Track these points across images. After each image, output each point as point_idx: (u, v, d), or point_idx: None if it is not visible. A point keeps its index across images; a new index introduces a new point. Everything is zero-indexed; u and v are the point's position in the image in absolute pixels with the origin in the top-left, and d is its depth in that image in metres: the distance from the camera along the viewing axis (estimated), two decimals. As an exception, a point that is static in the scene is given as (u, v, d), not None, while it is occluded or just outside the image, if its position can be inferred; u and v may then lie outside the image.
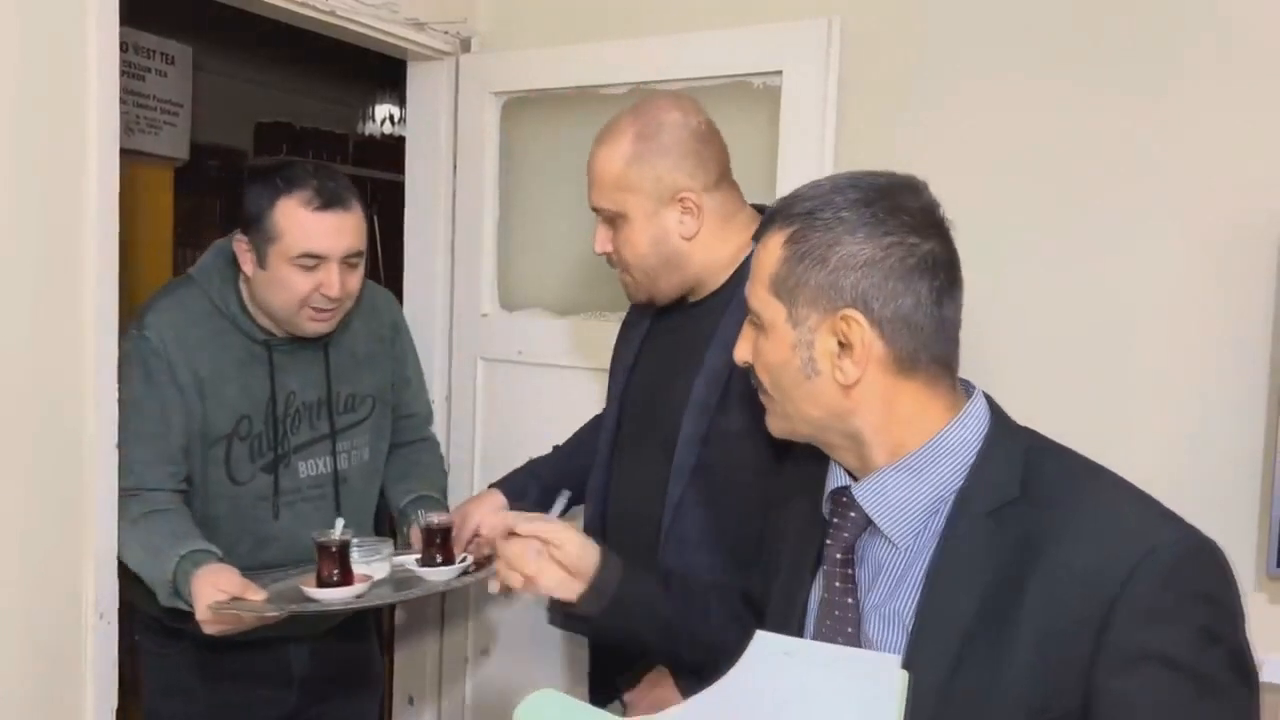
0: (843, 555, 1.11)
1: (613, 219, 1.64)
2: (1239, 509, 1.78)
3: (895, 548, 1.08)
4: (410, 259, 2.62)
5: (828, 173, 2.04)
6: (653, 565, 1.56)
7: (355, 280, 1.90)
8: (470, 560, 1.81)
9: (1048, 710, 0.98)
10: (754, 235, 1.16)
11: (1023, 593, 0.99)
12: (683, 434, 1.59)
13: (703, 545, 1.58)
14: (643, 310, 1.79)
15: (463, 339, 2.54)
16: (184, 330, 1.86)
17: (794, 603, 1.17)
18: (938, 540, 1.06)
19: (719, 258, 1.63)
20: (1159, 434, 1.83)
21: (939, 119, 1.99)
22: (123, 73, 1.78)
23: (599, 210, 1.65)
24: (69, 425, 1.69)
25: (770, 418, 1.16)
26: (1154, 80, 1.82)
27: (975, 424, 1.09)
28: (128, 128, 3.45)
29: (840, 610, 1.11)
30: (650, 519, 1.62)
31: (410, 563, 1.82)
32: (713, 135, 1.65)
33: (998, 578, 1.01)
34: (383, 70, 3.37)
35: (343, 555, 1.73)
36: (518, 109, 2.45)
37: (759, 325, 1.12)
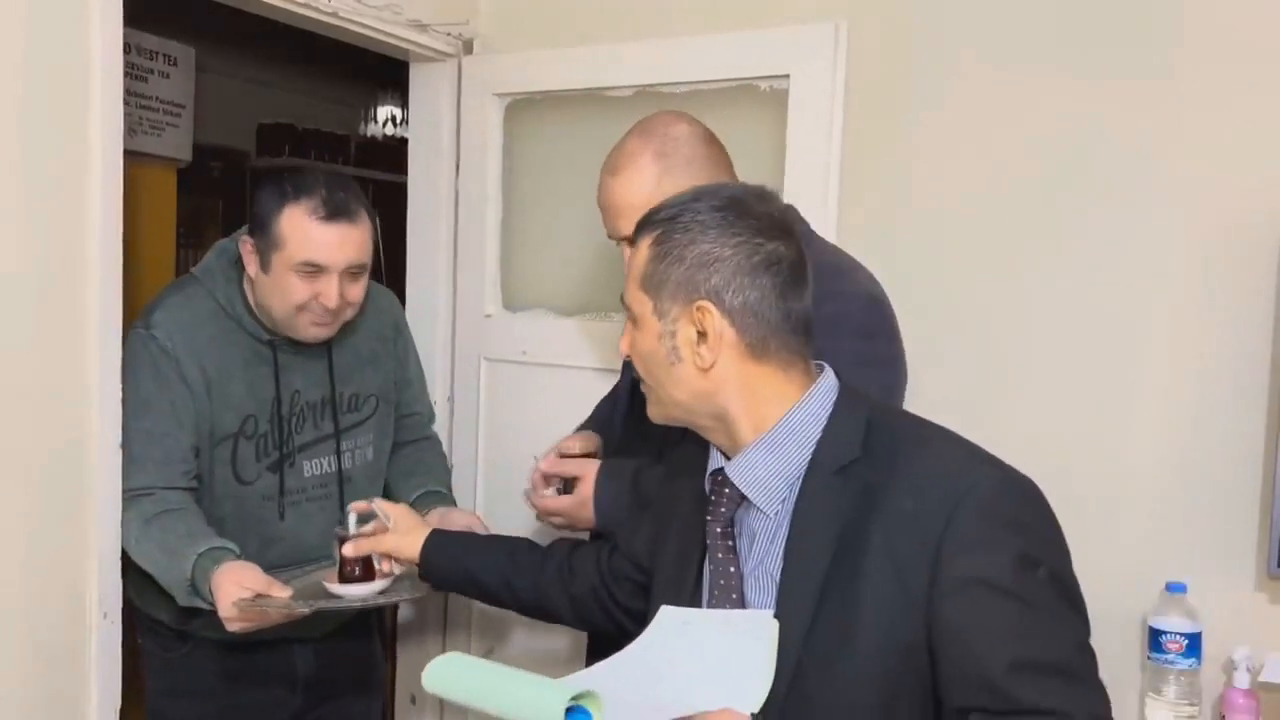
0: (723, 529, 1.24)
1: None
2: (1239, 509, 1.78)
3: (766, 516, 1.21)
4: (413, 260, 2.62)
5: (835, 175, 2.09)
6: None
7: (357, 290, 1.89)
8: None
9: (899, 645, 1.10)
10: (629, 241, 1.29)
11: (867, 538, 1.13)
12: None
13: None
14: None
15: (466, 339, 2.55)
16: (191, 329, 1.87)
17: (685, 574, 1.29)
18: (795, 500, 1.19)
19: None
20: (1159, 434, 1.83)
21: (944, 121, 2.00)
22: (126, 74, 1.79)
23: (629, 237, 1.64)
24: (72, 425, 1.70)
25: (649, 405, 1.29)
26: (1157, 81, 1.83)
27: (822, 399, 1.22)
28: (130, 129, 3.43)
29: (725, 579, 1.23)
30: None
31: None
32: (717, 139, 1.68)
33: (845, 527, 1.14)
34: (385, 71, 3.37)
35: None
36: (520, 110, 2.46)
37: (633, 319, 1.25)
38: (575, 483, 1.73)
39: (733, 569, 1.23)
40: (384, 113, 5.22)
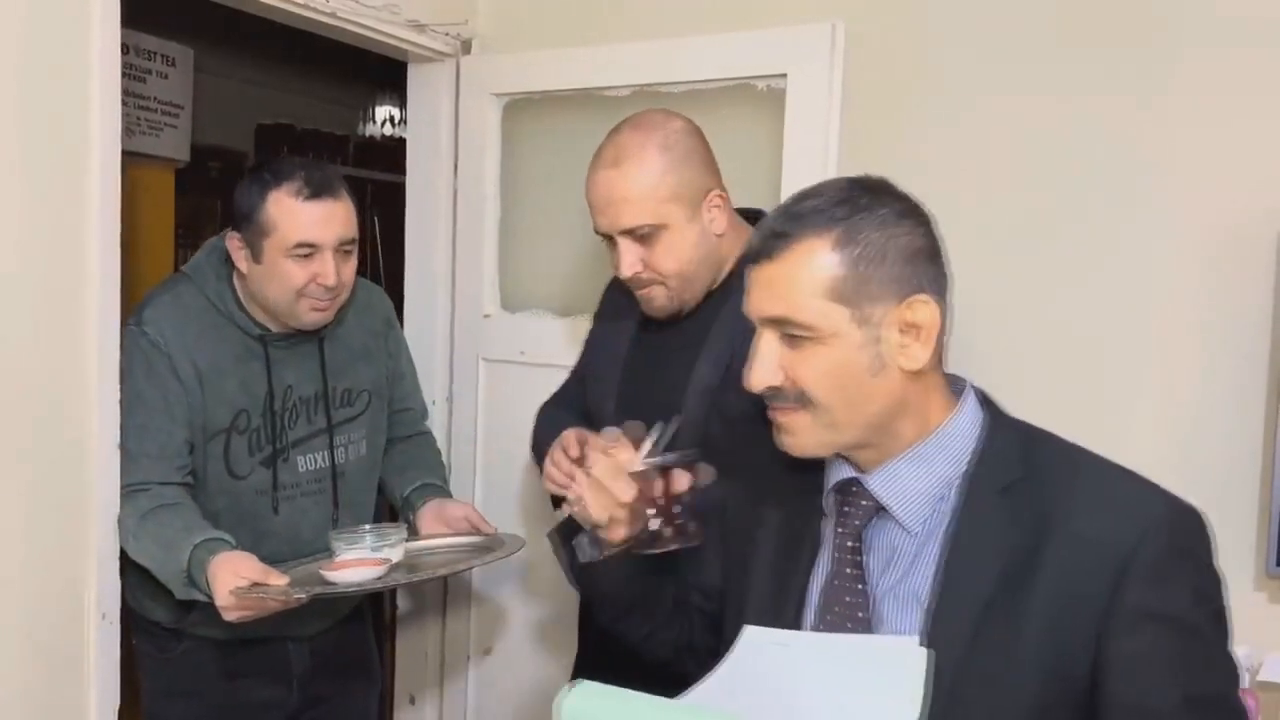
0: (853, 543, 1.15)
1: (647, 235, 1.64)
2: (1238, 507, 1.78)
3: (907, 532, 1.12)
4: (411, 260, 2.62)
5: (833, 174, 2.07)
6: None
7: (350, 269, 1.90)
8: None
9: (1060, 674, 1.04)
10: (755, 255, 1.13)
11: (1038, 562, 1.05)
12: (688, 417, 1.57)
13: None
14: (619, 325, 1.83)
15: (464, 340, 2.55)
16: (182, 325, 1.87)
17: (788, 591, 1.19)
18: (951, 520, 1.11)
19: (737, 249, 1.66)
20: (1157, 433, 1.83)
21: (941, 120, 1.99)
22: (124, 74, 1.79)
23: (632, 230, 1.63)
24: (71, 426, 1.70)
25: (796, 436, 1.14)
26: (1153, 79, 1.82)
27: (972, 411, 1.16)
28: (129, 129, 3.43)
29: (851, 596, 1.14)
30: None
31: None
32: (704, 137, 1.71)
33: (1014, 549, 1.06)
34: (383, 72, 3.37)
35: None
36: (519, 110, 2.46)
37: (806, 338, 1.10)
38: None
39: (860, 586, 1.13)
40: (383, 113, 5.22)
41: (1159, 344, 1.84)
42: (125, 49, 1.88)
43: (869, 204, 1.10)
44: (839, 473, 1.18)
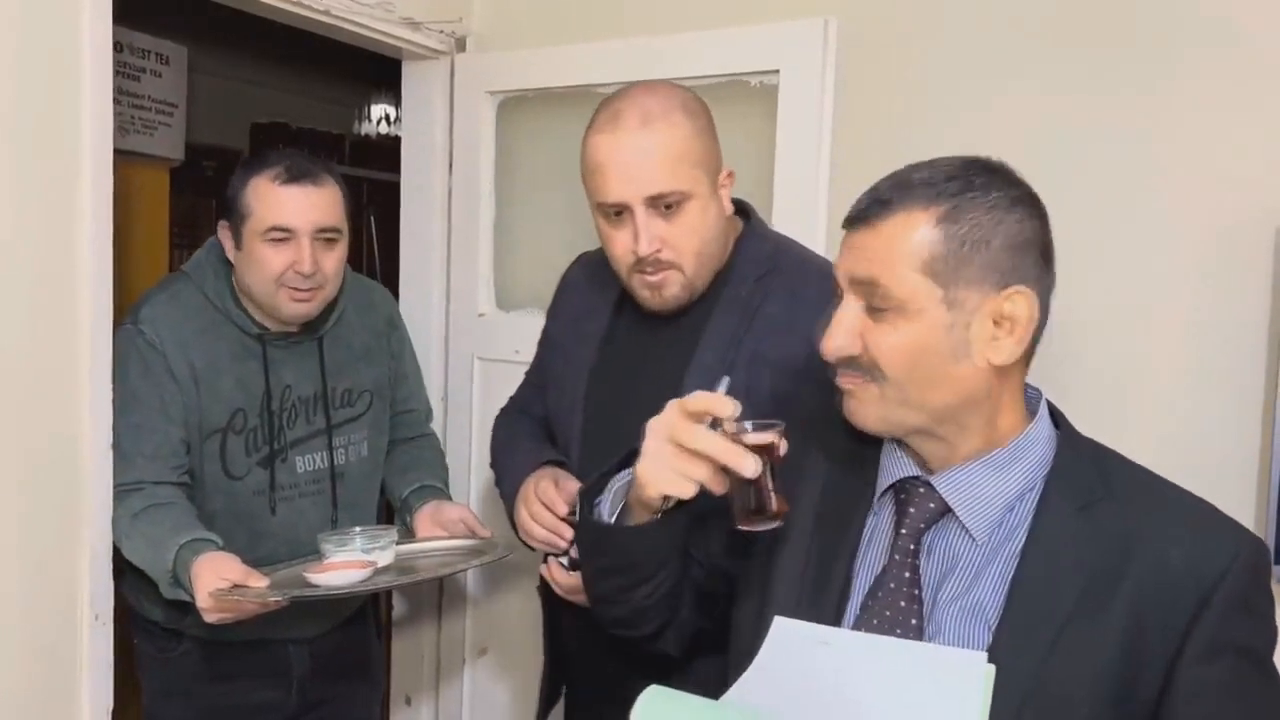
0: (914, 545, 1.10)
1: (673, 205, 1.47)
2: (1235, 505, 1.75)
3: (974, 541, 1.08)
4: (406, 259, 2.61)
5: (825, 171, 2.08)
6: None
7: (332, 260, 1.88)
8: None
9: (1129, 700, 1.01)
10: (855, 219, 1.07)
11: (1119, 584, 1.02)
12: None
13: None
14: (582, 328, 1.69)
15: (459, 339, 2.54)
16: (179, 324, 1.87)
17: (830, 580, 1.13)
18: (1023, 534, 1.06)
19: (732, 240, 1.59)
20: (1155, 430, 1.83)
21: (935, 117, 1.99)
22: (117, 73, 1.79)
23: (660, 197, 1.47)
24: (64, 426, 1.69)
25: (869, 405, 1.08)
26: (1150, 76, 1.82)
27: (1048, 424, 1.13)
28: (122, 128, 3.44)
29: (906, 601, 1.08)
30: None
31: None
32: None
33: (1095, 568, 1.03)
34: (378, 70, 3.37)
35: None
36: (514, 108, 2.45)
37: (890, 309, 1.04)
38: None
39: (915, 591, 1.08)
40: (378, 111, 5.21)
41: (1156, 342, 1.84)
42: (119, 47, 1.88)
43: (983, 185, 1.06)
44: (899, 468, 1.12)
